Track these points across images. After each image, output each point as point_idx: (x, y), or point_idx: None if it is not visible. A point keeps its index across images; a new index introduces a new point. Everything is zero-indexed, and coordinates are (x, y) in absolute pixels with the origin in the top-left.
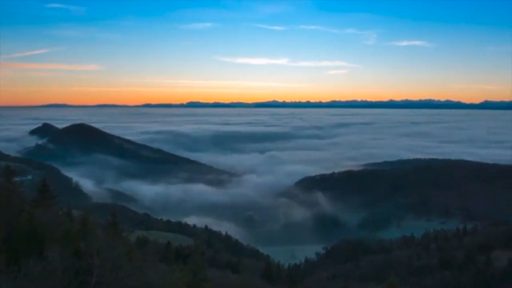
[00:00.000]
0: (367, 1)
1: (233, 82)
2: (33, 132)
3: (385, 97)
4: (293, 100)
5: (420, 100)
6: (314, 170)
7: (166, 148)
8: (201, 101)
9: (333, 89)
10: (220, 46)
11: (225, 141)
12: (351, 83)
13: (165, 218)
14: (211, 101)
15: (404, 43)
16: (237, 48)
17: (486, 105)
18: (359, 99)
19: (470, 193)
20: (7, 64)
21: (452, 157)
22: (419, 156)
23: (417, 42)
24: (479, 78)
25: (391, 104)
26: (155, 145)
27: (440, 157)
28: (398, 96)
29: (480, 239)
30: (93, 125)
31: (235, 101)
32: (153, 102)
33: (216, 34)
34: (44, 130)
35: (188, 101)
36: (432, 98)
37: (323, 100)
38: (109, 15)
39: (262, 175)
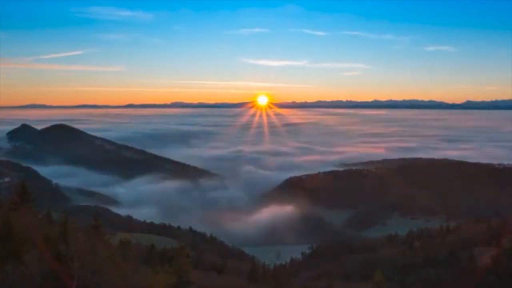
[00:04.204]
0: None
1: (234, 83)
2: (10, 133)
3: (370, 97)
4: (280, 101)
5: (404, 100)
6: None
7: None
8: (185, 101)
9: (330, 90)
10: (252, 50)
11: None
12: (361, 84)
13: (148, 220)
14: (195, 101)
15: (430, 48)
16: (264, 51)
17: (468, 105)
18: (344, 99)
19: (454, 191)
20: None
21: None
22: (401, 155)
23: (444, 47)
24: (462, 79)
25: (375, 104)
26: None
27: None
28: (383, 97)
29: (463, 236)
30: (73, 125)
31: (219, 101)
32: (136, 103)
33: (257, 39)
34: (22, 131)
35: (172, 101)
36: (417, 98)
37: (309, 101)
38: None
39: (245, 175)
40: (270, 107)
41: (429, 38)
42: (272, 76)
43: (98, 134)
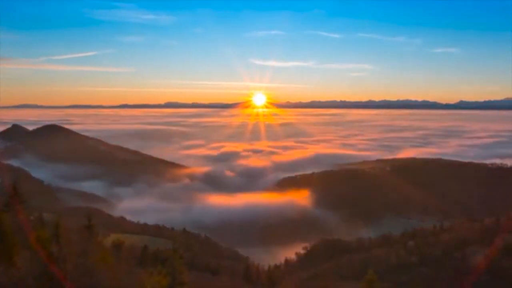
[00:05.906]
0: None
1: (237, 84)
2: (1, 134)
3: (366, 98)
4: (277, 101)
5: (398, 100)
6: None
7: None
8: (179, 101)
9: (330, 90)
10: (262, 51)
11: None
12: (363, 84)
13: (142, 221)
14: (190, 101)
15: (439, 50)
16: (274, 52)
17: (462, 105)
18: (338, 99)
19: (448, 191)
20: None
21: None
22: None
23: (451, 49)
24: (455, 80)
25: (369, 105)
26: None
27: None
28: (379, 97)
29: (456, 235)
30: (65, 126)
31: (214, 102)
32: (130, 103)
33: (271, 40)
34: (14, 131)
35: (165, 101)
36: (410, 98)
37: (303, 101)
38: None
39: (238, 175)
40: (267, 107)
41: (439, 40)
42: (274, 77)
43: (90, 135)
